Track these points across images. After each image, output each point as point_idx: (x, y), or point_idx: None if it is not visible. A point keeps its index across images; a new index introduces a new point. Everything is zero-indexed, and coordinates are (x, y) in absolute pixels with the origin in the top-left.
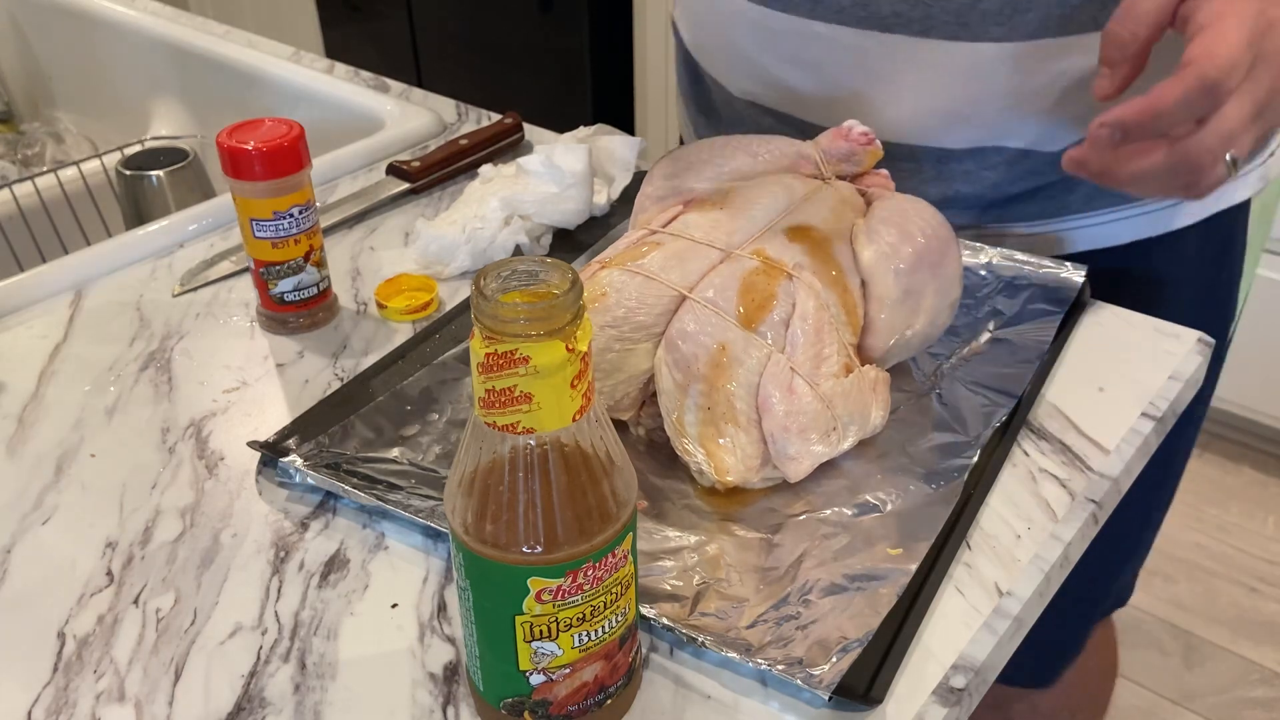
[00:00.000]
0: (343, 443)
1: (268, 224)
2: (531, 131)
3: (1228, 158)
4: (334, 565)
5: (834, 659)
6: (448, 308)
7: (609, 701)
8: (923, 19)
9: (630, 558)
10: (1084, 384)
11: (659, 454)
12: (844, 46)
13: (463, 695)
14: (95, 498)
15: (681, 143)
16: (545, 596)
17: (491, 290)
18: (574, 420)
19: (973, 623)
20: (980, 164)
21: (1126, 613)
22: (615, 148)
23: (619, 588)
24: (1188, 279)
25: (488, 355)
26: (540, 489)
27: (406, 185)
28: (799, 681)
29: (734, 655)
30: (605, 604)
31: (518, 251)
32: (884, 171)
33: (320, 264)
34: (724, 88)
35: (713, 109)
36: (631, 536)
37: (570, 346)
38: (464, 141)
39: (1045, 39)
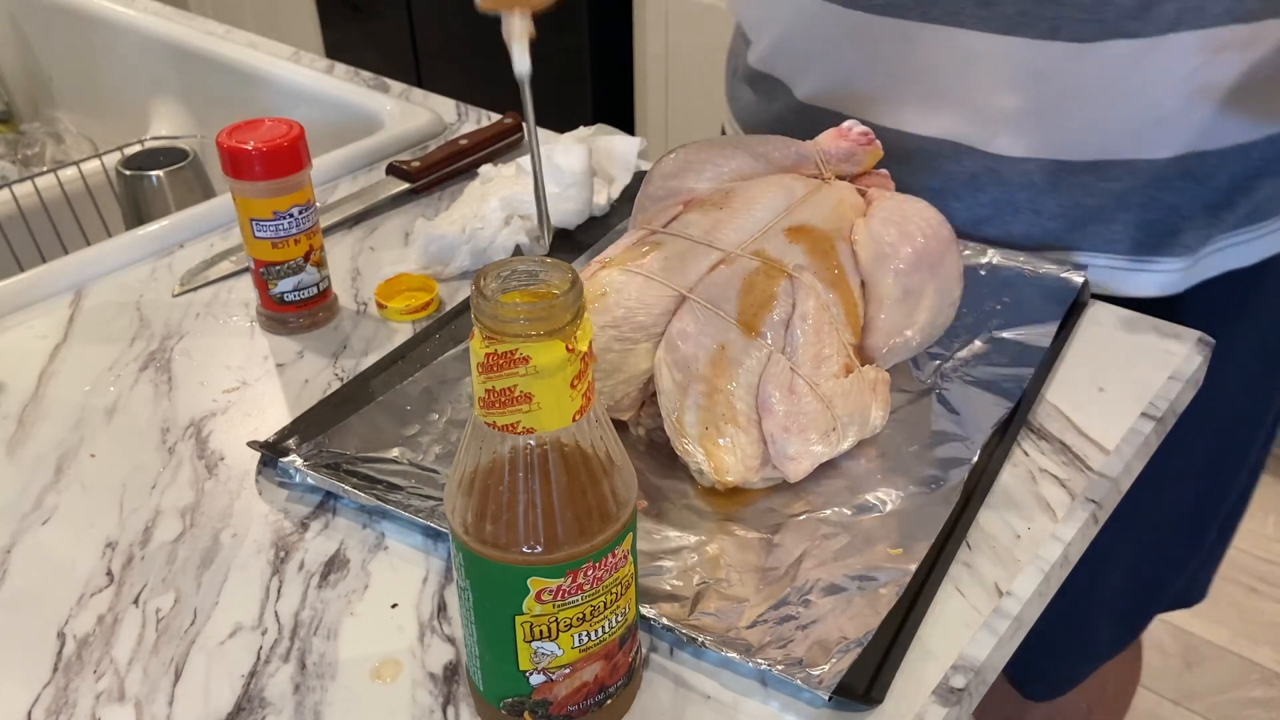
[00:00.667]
0: (343, 443)
1: (268, 224)
2: None
3: None
4: (334, 565)
5: (834, 659)
6: (448, 308)
7: (609, 702)
8: (1050, 19)
9: (630, 558)
10: (1084, 384)
11: (659, 454)
12: (955, 49)
13: (463, 695)
14: (95, 498)
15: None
16: (545, 596)
17: (491, 290)
18: (574, 420)
19: (973, 623)
20: (1099, 176)
21: None
22: (615, 148)
23: (619, 588)
24: None
25: (488, 355)
26: (540, 489)
27: (406, 185)
28: (799, 681)
29: (734, 655)
30: (605, 604)
31: (518, 252)
32: (884, 171)
33: (320, 264)
34: (790, 92)
35: (775, 116)
36: (631, 537)
37: (570, 346)
38: (464, 141)
39: (1183, 31)
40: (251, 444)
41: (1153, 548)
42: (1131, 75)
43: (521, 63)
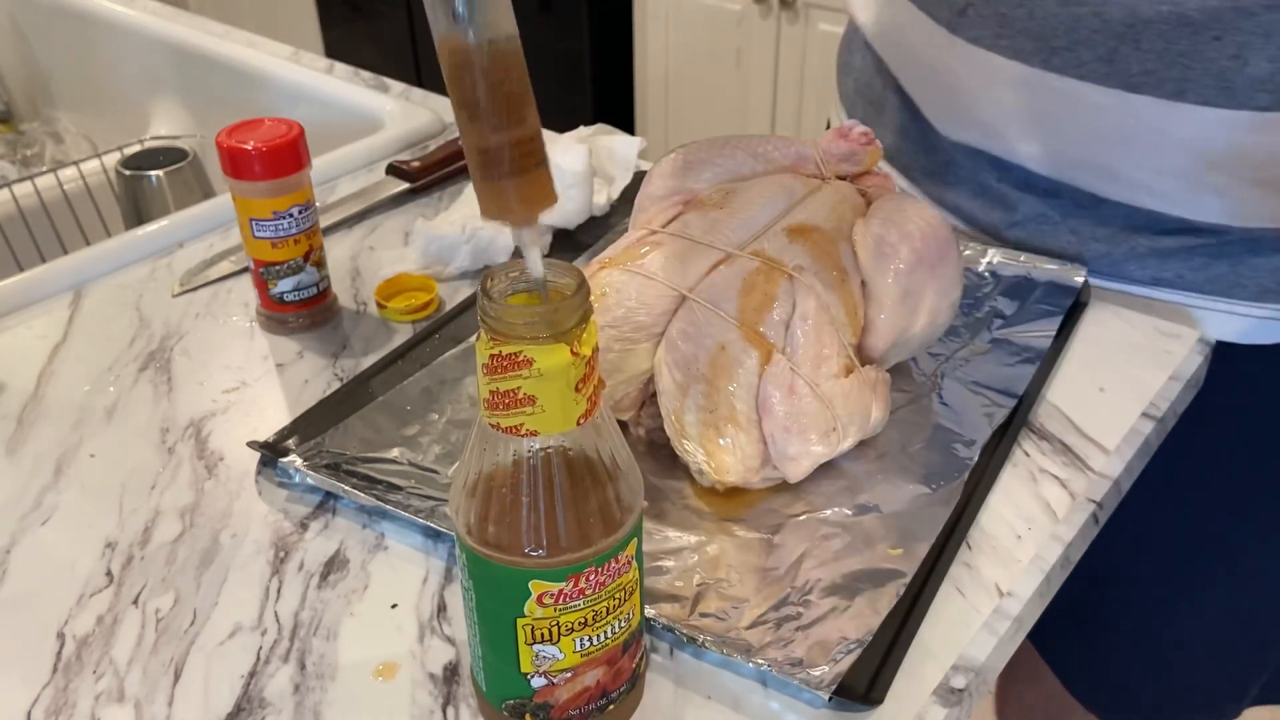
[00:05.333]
0: (343, 443)
1: (267, 224)
2: None
3: None
4: (334, 565)
5: (834, 659)
6: (448, 308)
7: (611, 707)
8: (1179, 80)
9: (635, 564)
10: (1084, 384)
11: (659, 454)
12: (1082, 104)
13: (463, 695)
14: (95, 498)
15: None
16: (546, 600)
17: (498, 292)
18: (578, 424)
19: (973, 623)
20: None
21: None
22: (615, 148)
23: (622, 593)
24: None
25: (492, 357)
26: (543, 492)
27: (406, 185)
28: (799, 682)
29: (734, 655)
30: (608, 609)
31: (518, 251)
32: (884, 172)
33: (320, 264)
34: (934, 129)
35: (924, 145)
36: (636, 542)
37: (574, 350)
38: None
39: None
40: (251, 444)
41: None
42: (1167, 132)
43: (536, 268)
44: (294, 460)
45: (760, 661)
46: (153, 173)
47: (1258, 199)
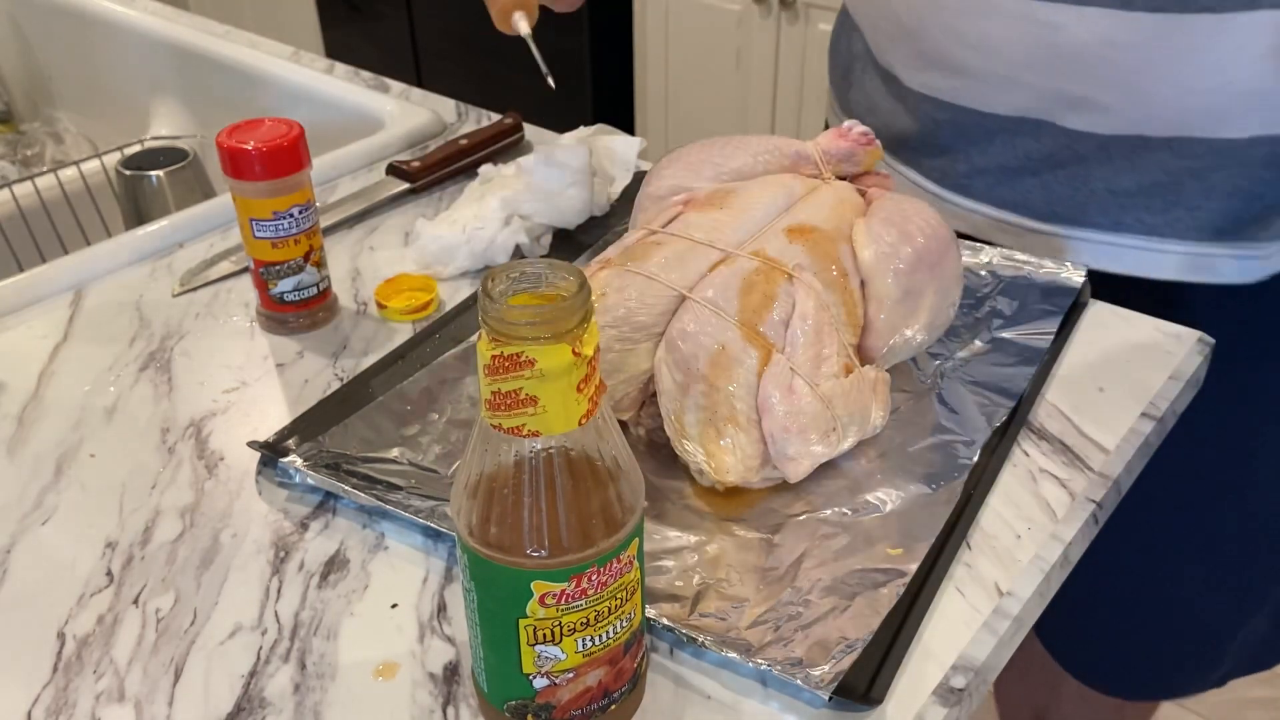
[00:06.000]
0: (343, 443)
1: (268, 224)
2: (531, 131)
3: None
4: (334, 565)
5: (834, 659)
6: (448, 308)
7: (613, 707)
8: None
9: (636, 564)
10: (1084, 384)
11: (659, 454)
12: (1033, 21)
13: (463, 695)
14: (95, 498)
15: None
16: (548, 600)
17: (499, 292)
18: (580, 424)
19: (973, 623)
20: (1176, 154)
21: None
22: (615, 148)
23: (624, 593)
24: None
25: (494, 357)
26: (545, 492)
27: (406, 185)
28: (799, 681)
29: (734, 655)
30: (610, 609)
31: (518, 252)
32: (884, 172)
33: (320, 264)
34: (900, 81)
35: (876, 106)
36: (638, 542)
37: (576, 350)
38: (464, 141)
39: (1262, 10)
40: (251, 444)
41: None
42: (1208, 50)
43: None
44: (294, 460)
45: (760, 661)
46: (153, 173)
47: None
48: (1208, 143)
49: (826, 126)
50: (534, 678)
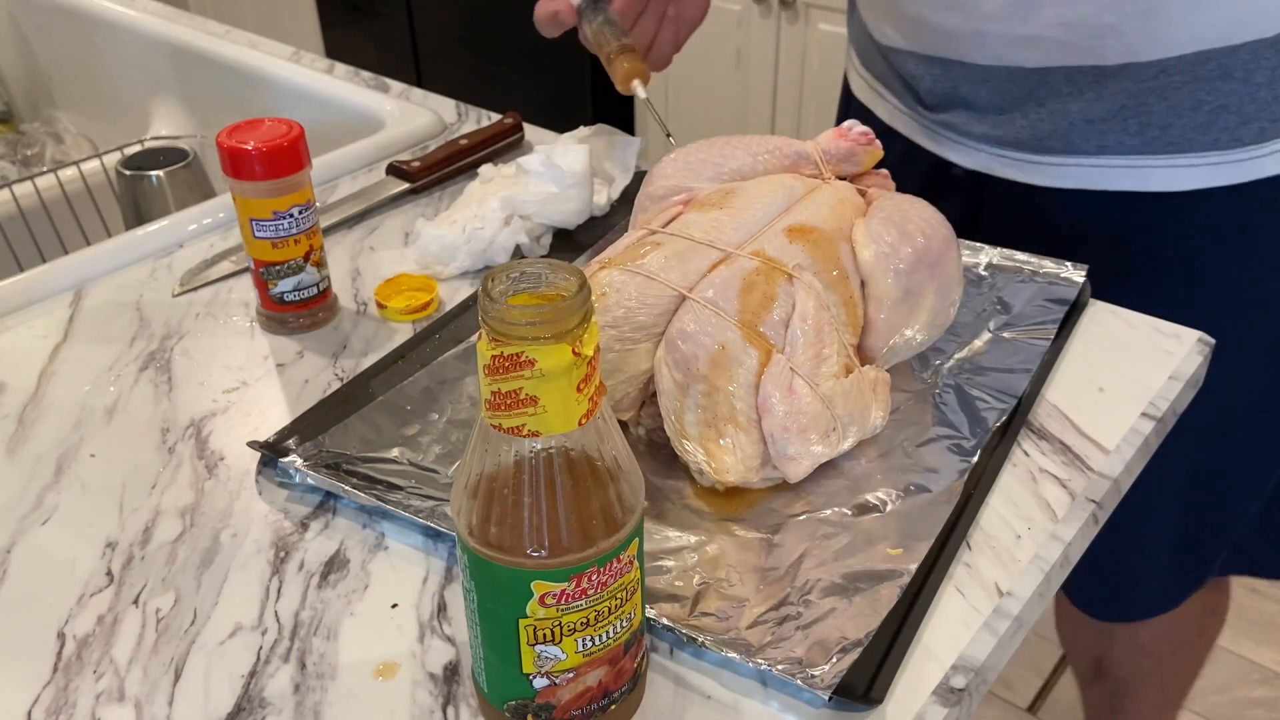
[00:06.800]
0: (343, 443)
1: (268, 224)
2: (531, 131)
3: None
4: (334, 565)
5: (834, 659)
6: (448, 308)
7: (613, 707)
8: None
9: (636, 563)
10: (1084, 384)
11: (659, 454)
12: None
13: (463, 695)
14: (95, 498)
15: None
16: (549, 600)
17: (499, 292)
18: (580, 424)
19: (973, 623)
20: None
21: None
22: (615, 148)
23: (624, 593)
24: None
25: (494, 358)
26: (545, 492)
27: (406, 185)
28: (799, 681)
29: (734, 655)
30: (610, 609)
31: (518, 252)
32: (884, 171)
33: (320, 264)
34: (877, 42)
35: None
36: (638, 542)
37: (576, 350)
38: (464, 141)
39: None
40: (251, 444)
41: (1205, 485)
42: None
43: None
44: (294, 460)
45: (760, 661)
46: (153, 173)
47: None
48: (1159, 64)
49: (839, 120)
50: (534, 678)
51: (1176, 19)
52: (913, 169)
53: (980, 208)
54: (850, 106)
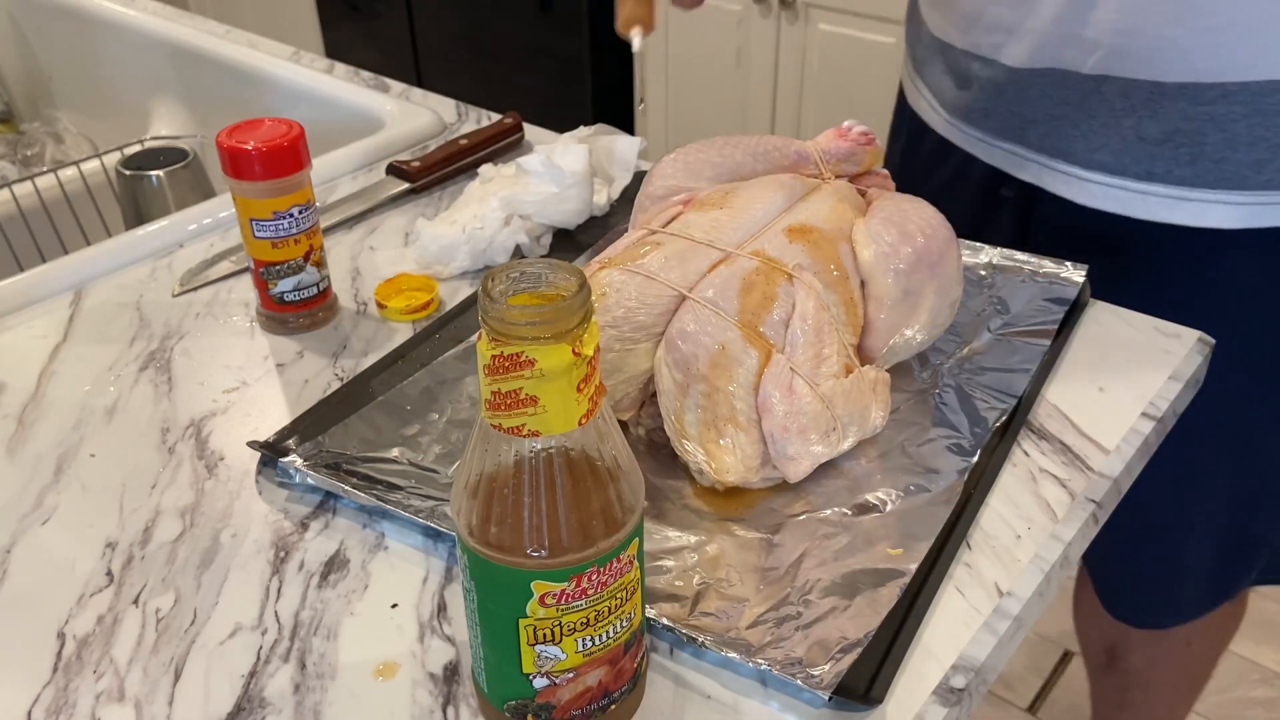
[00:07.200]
0: (343, 443)
1: (268, 224)
2: (531, 131)
3: None
4: (334, 565)
5: (834, 659)
6: (448, 308)
7: (613, 707)
8: None
9: (636, 563)
10: (1084, 384)
11: (659, 454)
12: None
13: (463, 695)
14: (95, 498)
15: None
16: (549, 600)
17: (499, 292)
18: (580, 424)
19: (973, 623)
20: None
21: None
22: (615, 148)
23: (624, 593)
24: None
25: (494, 357)
26: (545, 492)
27: (406, 185)
28: (799, 681)
29: (734, 655)
30: (610, 609)
31: (518, 252)
32: (884, 171)
33: (320, 264)
34: (952, 47)
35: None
36: (638, 542)
37: (576, 350)
38: (464, 141)
39: None
40: (251, 444)
41: (1247, 497)
42: None
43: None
44: (294, 460)
45: (760, 661)
46: (153, 173)
47: None
48: (1220, 87)
49: (893, 133)
50: (534, 677)
51: (1247, 40)
52: (964, 186)
53: (1028, 227)
54: (904, 118)
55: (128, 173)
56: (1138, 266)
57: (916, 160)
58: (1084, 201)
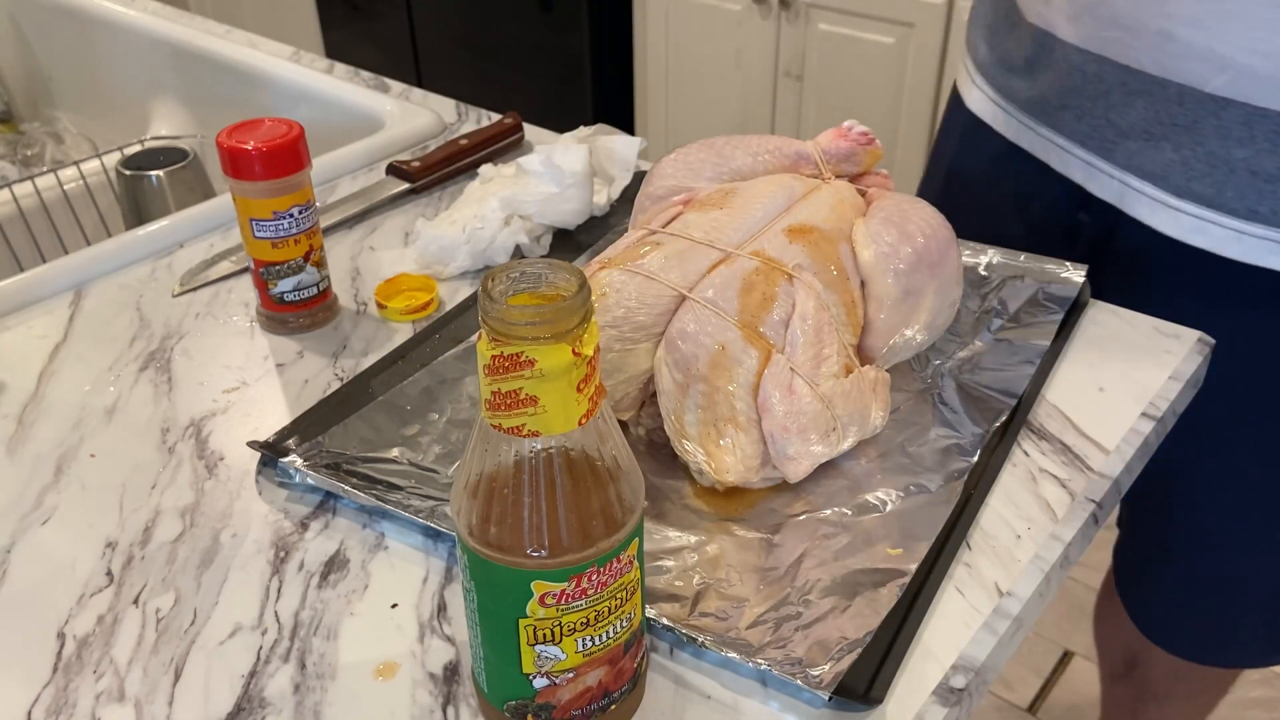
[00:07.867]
0: (343, 443)
1: (268, 224)
2: (531, 131)
3: None
4: (334, 565)
5: (834, 659)
6: (448, 308)
7: (613, 707)
8: None
9: (636, 563)
10: (1084, 384)
11: (659, 454)
12: None
13: (463, 695)
14: (95, 498)
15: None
16: (549, 600)
17: (499, 292)
18: (580, 424)
19: (973, 623)
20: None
21: None
22: (615, 148)
23: (624, 593)
24: None
25: (494, 357)
26: (545, 492)
27: (406, 185)
28: (799, 681)
29: (734, 655)
30: (610, 609)
31: (518, 252)
32: (884, 172)
33: (320, 264)
34: (1054, 35)
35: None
36: (638, 542)
37: (576, 350)
38: (464, 141)
39: None
40: (251, 444)
41: None
42: None
43: None
44: (294, 460)
45: (760, 661)
46: (153, 173)
47: None
48: None
49: (941, 137)
50: (534, 678)
51: None
52: (1034, 204)
53: (1103, 260)
54: (959, 122)
55: (128, 173)
56: (1224, 306)
57: (974, 162)
58: (1173, 234)
